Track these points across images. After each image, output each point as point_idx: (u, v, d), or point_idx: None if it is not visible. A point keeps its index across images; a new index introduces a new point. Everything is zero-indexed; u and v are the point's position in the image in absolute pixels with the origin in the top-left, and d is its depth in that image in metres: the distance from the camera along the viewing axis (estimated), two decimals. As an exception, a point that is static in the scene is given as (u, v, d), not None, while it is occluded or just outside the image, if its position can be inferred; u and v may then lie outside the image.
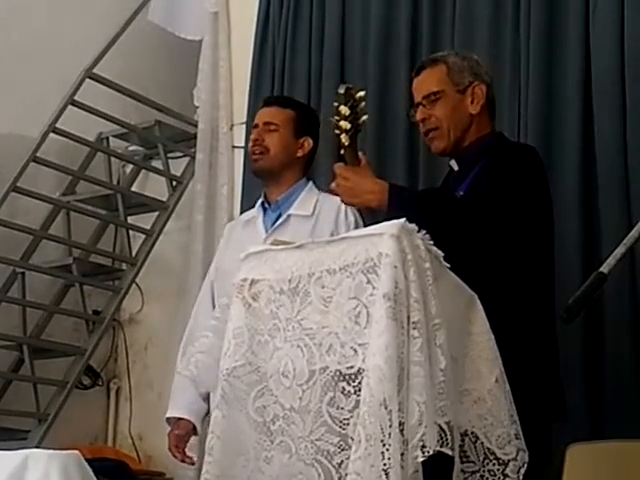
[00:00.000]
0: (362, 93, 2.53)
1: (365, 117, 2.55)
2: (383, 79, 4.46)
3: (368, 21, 4.59)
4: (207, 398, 3.40)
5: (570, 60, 3.91)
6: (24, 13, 5.39)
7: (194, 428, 3.45)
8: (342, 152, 2.60)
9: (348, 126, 2.53)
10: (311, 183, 3.54)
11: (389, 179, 2.76)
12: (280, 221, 3.40)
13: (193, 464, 3.55)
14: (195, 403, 3.42)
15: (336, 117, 2.53)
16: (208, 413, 3.39)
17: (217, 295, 3.47)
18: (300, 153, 3.47)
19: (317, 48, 4.72)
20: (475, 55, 3.06)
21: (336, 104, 2.53)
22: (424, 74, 2.96)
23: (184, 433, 3.43)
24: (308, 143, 3.47)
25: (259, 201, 3.53)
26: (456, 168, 2.93)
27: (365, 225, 2.64)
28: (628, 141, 3.69)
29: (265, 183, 3.50)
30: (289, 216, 3.41)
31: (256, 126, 3.47)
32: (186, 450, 3.45)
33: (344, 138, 2.56)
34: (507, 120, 3.94)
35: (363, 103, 2.53)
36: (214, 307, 3.45)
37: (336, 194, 2.70)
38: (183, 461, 3.47)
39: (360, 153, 2.63)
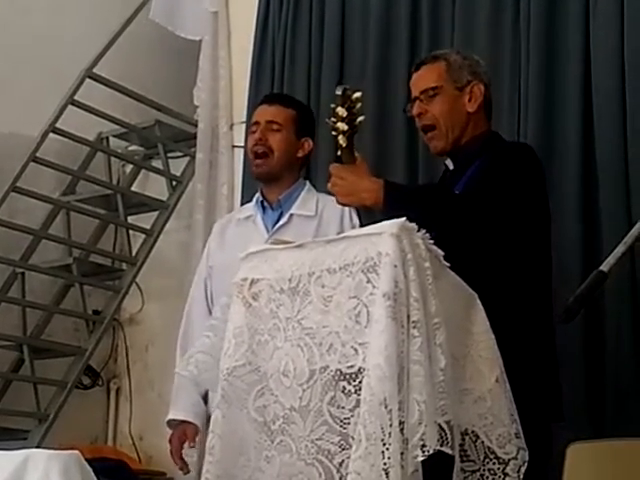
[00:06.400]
0: (358, 94, 2.54)
1: (362, 118, 2.55)
2: (383, 79, 4.45)
3: (368, 21, 4.59)
4: (205, 399, 3.38)
5: (570, 59, 3.91)
6: (24, 13, 5.39)
7: (196, 432, 3.36)
8: (339, 153, 2.61)
9: (345, 127, 2.54)
10: (309, 183, 3.54)
11: (388, 178, 2.76)
12: (283, 221, 3.39)
13: (188, 472, 3.46)
14: (197, 405, 3.37)
15: (333, 119, 2.54)
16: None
17: (212, 293, 3.45)
18: (301, 153, 3.46)
19: (317, 48, 4.72)
20: (476, 55, 3.06)
21: (333, 106, 2.53)
22: (424, 69, 2.96)
23: (189, 438, 3.34)
24: (308, 144, 3.47)
25: (255, 199, 3.51)
26: (451, 167, 2.94)
27: (362, 225, 2.64)
28: (628, 140, 3.69)
29: (264, 183, 3.49)
30: (291, 215, 3.40)
31: (257, 123, 3.45)
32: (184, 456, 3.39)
33: (341, 139, 2.57)
34: (507, 119, 3.94)
35: (359, 104, 2.53)
36: (207, 305, 3.45)
37: (332, 194, 2.70)
38: (182, 468, 3.40)
39: (357, 154, 2.63)
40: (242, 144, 4.89)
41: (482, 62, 3.01)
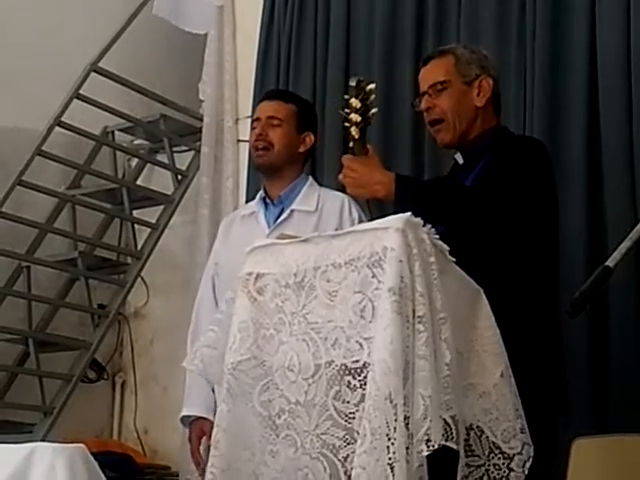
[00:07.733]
0: (372, 86, 2.53)
1: (375, 110, 2.54)
2: (388, 72, 4.45)
3: (374, 15, 4.58)
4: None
5: (576, 54, 3.91)
6: (29, 7, 5.40)
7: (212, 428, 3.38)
8: (351, 145, 2.60)
9: (358, 119, 2.53)
10: (311, 178, 3.54)
11: (394, 172, 2.75)
12: (283, 216, 3.39)
13: (203, 472, 3.44)
14: (210, 399, 3.34)
15: (346, 110, 2.52)
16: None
17: (218, 290, 3.46)
18: (302, 148, 3.45)
19: (322, 42, 4.71)
20: (484, 50, 3.06)
21: (347, 97, 2.52)
22: (432, 64, 2.96)
23: (207, 435, 3.28)
24: (310, 139, 3.46)
25: (258, 196, 3.51)
26: (461, 161, 2.93)
27: (372, 219, 2.63)
28: (634, 135, 3.68)
29: (266, 178, 3.49)
30: (292, 211, 3.40)
31: (258, 119, 3.46)
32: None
33: (354, 131, 2.55)
34: (513, 113, 3.93)
35: (373, 96, 2.53)
36: (216, 302, 3.45)
37: (343, 185, 2.70)
38: (202, 469, 3.35)
39: (368, 145, 2.62)
40: (247, 138, 4.88)
41: (490, 57, 3.00)
